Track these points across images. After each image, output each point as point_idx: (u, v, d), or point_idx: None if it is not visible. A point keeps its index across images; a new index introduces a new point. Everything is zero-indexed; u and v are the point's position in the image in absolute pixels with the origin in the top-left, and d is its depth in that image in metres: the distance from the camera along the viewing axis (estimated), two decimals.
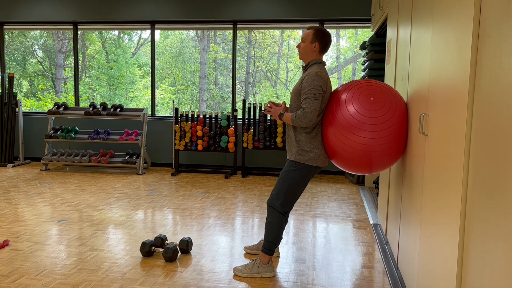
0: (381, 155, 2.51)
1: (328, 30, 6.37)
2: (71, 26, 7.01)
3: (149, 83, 12.50)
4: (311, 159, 2.69)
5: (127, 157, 6.42)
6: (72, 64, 11.48)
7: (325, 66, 2.75)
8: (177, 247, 3.10)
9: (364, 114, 2.47)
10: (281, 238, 2.83)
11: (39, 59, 13.91)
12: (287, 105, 3.33)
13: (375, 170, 2.65)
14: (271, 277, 2.80)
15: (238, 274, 2.80)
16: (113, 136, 6.48)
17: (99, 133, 6.52)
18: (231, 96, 6.92)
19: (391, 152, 2.53)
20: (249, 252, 3.21)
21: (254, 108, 6.18)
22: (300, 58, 2.81)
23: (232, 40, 6.73)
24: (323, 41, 2.72)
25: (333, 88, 2.81)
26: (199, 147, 6.18)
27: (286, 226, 3.85)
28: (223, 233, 3.65)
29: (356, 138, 2.48)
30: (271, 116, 2.79)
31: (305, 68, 2.77)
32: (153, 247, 3.10)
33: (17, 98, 6.86)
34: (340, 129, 2.53)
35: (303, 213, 4.28)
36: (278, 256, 3.16)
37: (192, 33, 13.57)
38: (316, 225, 3.90)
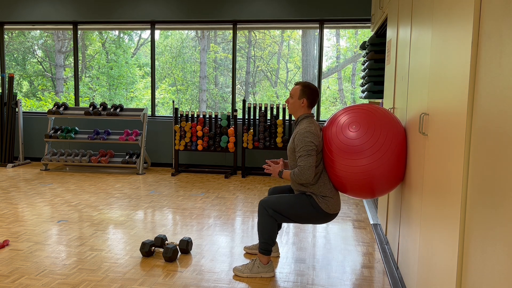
0: (380, 178, 2.54)
1: (324, 31, 6.38)
2: (71, 26, 7.01)
3: (149, 83, 12.51)
4: (326, 207, 2.72)
5: (127, 157, 6.43)
6: (72, 64, 11.48)
7: (314, 118, 2.84)
8: (177, 247, 3.10)
9: (351, 144, 2.52)
10: (275, 236, 2.83)
11: (39, 59, 13.91)
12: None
13: (378, 193, 2.69)
14: (271, 277, 2.80)
15: (238, 274, 2.81)
16: (113, 136, 6.49)
17: (99, 133, 6.52)
18: (231, 96, 6.93)
19: (389, 174, 2.54)
20: (249, 252, 3.22)
21: (254, 108, 6.18)
22: (289, 113, 2.95)
23: (232, 40, 6.73)
24: (311, 97, 2.82)
25: (331, 88, 2.85)
26: (199, 147, 6.18)
27: (286, 226, 3.85)
28: (223, 233, 3.65)
29: (354, 168, 2.52)
30: (271, 174, 2.91)
31: (295, 123, 2.87)
32: (153, 247, 3.10)
33: (17, 98, 6.86)
34: (340, 161, 2.58)
35: None
36: (278, 256, 3.16)
37: (192, 33, 13.58)
38: (316, 225, 3.90)
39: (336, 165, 2.61)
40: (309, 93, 2.81)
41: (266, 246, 2.79)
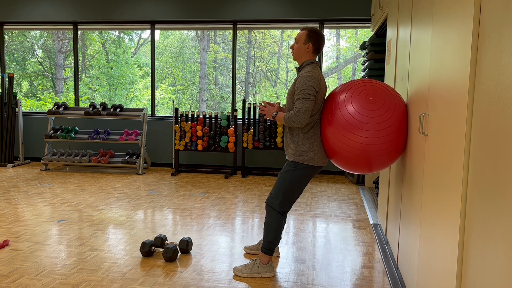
0: (380, 155, 2.52)
1: (324, 31, 6.37)
2: (71, 26, 7.01)
3: (149, 83, 12.50)
4: (310, 159, 2.70)
5: (127, 157, 6.42)
6: (72, 64, 11.48)
7: (318, 66, 2.78)
8: (177, 247, 3.10)
9: (364, 114, 2.48)
10: (280, 238, 2.84)
11: (39, 59, 13.90)
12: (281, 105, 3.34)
13: (374, 170, 2.65)
14: (271, 277, 2.80)
15: (238, 274, 2.81)
16: (113, 136, 6.48)
17: (99, 133, 6.52)
18: (231, 96, 6.93)
19: (390, 151, 2.53)
20: (249, 252, 3.22)
21: (254, 108, 6.18)
22: (294, 59, 2.85)
23: (232, 40, 6.73)
24: (317, 42, 2.75)
25: (330, 87, 2.84)
26: (199, 147, 6.18)
27: (286, 226, 3.85)
28: (223, 233, 3.65)
29: (355, 137, 2.48)
30: (264, 115, 2.82)
31: (298, 69, 2.81)
32: (153, 247, 3.10)
33: (17, 98, 6.86)
34: (339, 129, 2.53)
35: (303, 213, 4.28)
36: (278, 256, 3.16)
37: (192, 33, 13.58)
38: (316, 225, 3.90)
39: (334, 133, 2.56)
40: (315, 38, 2.75)
41: (270, 246, 2.81)
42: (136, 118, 6.33)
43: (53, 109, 6.55)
